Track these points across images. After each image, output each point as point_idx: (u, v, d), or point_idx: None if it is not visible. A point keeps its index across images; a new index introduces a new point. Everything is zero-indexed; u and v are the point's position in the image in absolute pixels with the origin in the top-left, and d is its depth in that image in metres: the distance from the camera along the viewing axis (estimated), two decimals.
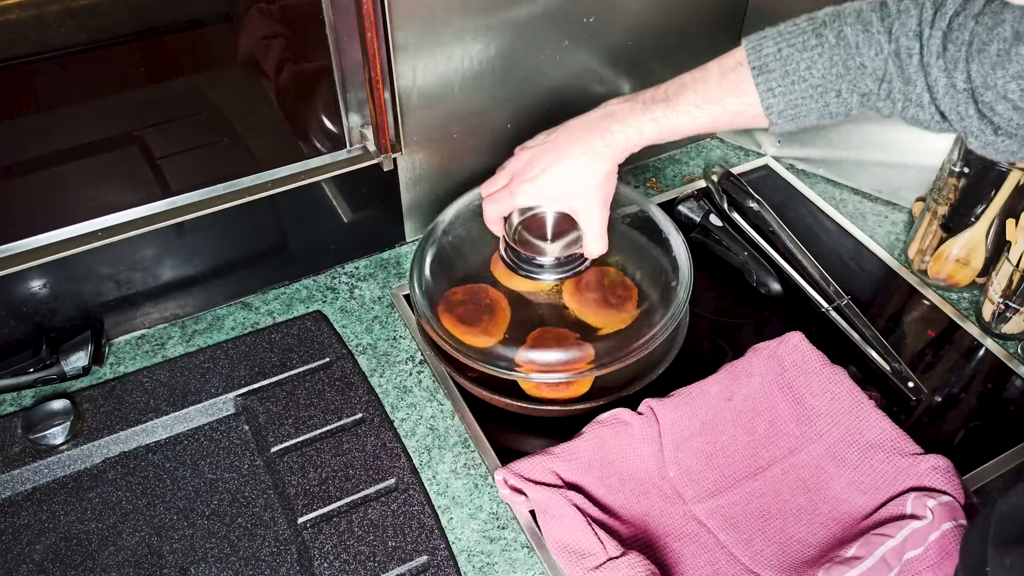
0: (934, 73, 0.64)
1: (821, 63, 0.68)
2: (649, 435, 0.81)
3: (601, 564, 0.70)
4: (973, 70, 0.62)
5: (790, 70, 0.69)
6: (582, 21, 0.97)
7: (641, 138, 0.74)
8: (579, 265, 0.82)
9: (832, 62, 0.68)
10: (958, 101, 0.64)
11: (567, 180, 0.76)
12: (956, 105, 0.64)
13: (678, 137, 0.75)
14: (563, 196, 0.77)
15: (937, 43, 0.63)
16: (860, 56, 0.67)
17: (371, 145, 0.91)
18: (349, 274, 1.03)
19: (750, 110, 0.71)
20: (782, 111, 0.70)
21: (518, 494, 0.77)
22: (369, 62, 0.82)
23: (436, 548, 0.75)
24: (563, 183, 0.76)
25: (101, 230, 0.82)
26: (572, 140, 0.76)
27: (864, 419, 0.81)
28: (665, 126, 0.73)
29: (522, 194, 0.78)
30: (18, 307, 0.86)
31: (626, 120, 0.74)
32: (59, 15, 0.70)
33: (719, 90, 0.72)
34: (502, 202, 0.79)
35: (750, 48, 0.70)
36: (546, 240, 0.81)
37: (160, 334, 0.95)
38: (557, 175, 0.76)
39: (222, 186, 0.87)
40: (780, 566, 0.74)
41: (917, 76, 0.66)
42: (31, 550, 0.75)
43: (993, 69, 0.60)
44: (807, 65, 0.68)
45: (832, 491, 0.79)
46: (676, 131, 0.74)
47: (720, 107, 0.72)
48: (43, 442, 0.81)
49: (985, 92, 0.62)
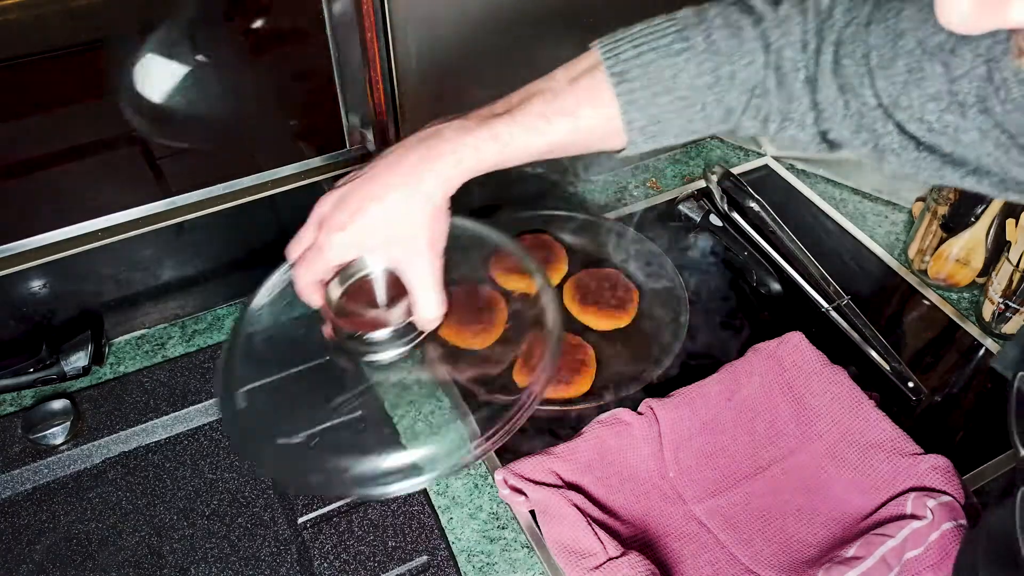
0: (825, 92, 0.57)
1: (688, 71, 0.59)
2: (649, 435, 0.81)
3: (601, 564, 0.70)
4: (880, 87, 0.55)
5: (654, 79, 0.59)
6: (581, 23, 0.96)
7: (479, 160, 0.60)
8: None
9: (700, 70, 0.59)
10: (873, 119, 0.56)
11: (386, 223, 0.60)
12: (870, 124, 0.57)
13: (525, 160, 0.62)
14: (382, 244, 0.61)
15: (828, 59, 0.57)
16: (731, 65, 0.59)
17: (371, 145, 0.91)
18: None
19: (606, 125, 0.61)
20: (644, 127, 0.60)
21: (518, 494, 0.77)
22: (369, 62, 0.82)
23: (436, 548, 0.75)
24: (381, 227, 0.60)
25: (101, 230, 0.82)
26: (392, 170, 0.60)
27: (864, 419, 0.81)
28: (509, 144, 0.60)
29: (332, 248, 0.60)
30: (18, 307, 0.86)
31: (458, 140, 0.59)
32: (59, 15, 0.70)
33: (572, 99, 0.60)
34: (312, 264, 0.62)
35: (606, 52, 0.60)
36: (381, 307, 0.65)
37: (160, 334, 0.95)
38: (373, 218, 0.59)
39: (222, 186, 0.87)
40: (780, 566, 0.74)
41: (803, 94, 0.58)
42: (31, 550, 0.75)
43: (906, 88, 0.54)
44: (673, 73, 0.59)
45: (832, 491, 0.79)
46: (522, 151, 0.61)
47: (573, 120, 0.60)
48: (43, 442, 0.80)
49: (898, 112, 0.55)
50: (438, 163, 0.59)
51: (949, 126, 0.54)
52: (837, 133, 0.59)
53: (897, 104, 0.55)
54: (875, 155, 0.58)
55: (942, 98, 0.53)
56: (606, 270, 0.99)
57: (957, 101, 0.52)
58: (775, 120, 0.60)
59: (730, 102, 0.60)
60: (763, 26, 0.59)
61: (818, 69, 0.57)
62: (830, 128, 0.59)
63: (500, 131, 0.60)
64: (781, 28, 0.58)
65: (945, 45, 0.52)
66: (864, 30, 0.55)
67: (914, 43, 0.53)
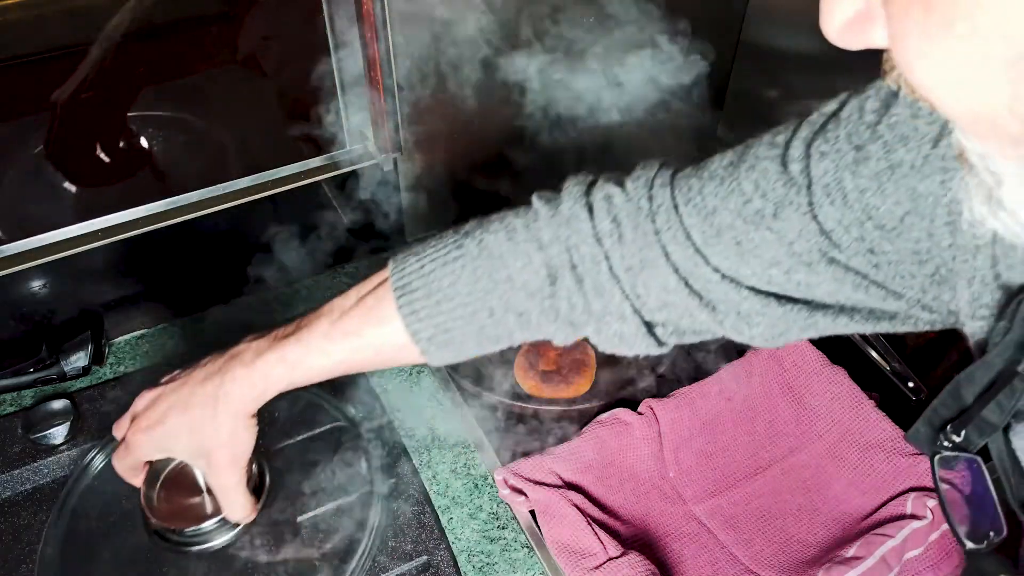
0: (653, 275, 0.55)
1: (464, 278, 0.58)
2: (649, 435, 0.81)
3: (601, 564, 0.70)
4: (717, 263, 0.54)
5: (433, 288, 0.58)
6: (582, 21, 0.96)
7: (268, 385, 0.61)
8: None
9: (476, 276, 0.58)
10: (724, 292, 0.54)
11: (188, 433, 0.63)
12: (723, 297, 0.54)
13: (322, 379, 0.62)
14: (184, 452, 0.65)
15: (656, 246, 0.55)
16: (506, 268, 0.57)
17: (371, 145, 0.91)
18: (349, 274, 1.03)
19: (395, 339, 0.59)
20: (432, 337, 0.59)
21: (518, 494, 0.77)
22: (369, 62, 0.82)
23: (436, 548, 0.75)
24: (184, 437, 0.63)
25: (101, 230, 0.82)
26: (200, 387, 0.63)
27: (864, 419, 0.81)
28: (297, 367, 0.61)
29: (138, 447, 0.65)
30: (18, 307, 0.86)
31: (252, 363, 0.61)
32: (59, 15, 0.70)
33: (356, 318, 0.60)
34: (123, 457, 0.67)
35: (394, 266, 0.60)
36: (201, 493, 0.69)
37: (160, 334, 0.95)
38: (176, 427, 0.63)
39: (222, 186, 0.87)
40: (780, 566, 0.74)
41: (611, 285, 0.56)
42: (31, 550, 0.75)
43: (742, 259, 0.53)
44: (451, 281, 0.58)
45: (832, 491, 0.79)
46: (312, 372, 0.61)
47: (358, 339, 0.60)
48: (43, 442, 0.80)
49: (745, 279, 0.54)
50: (234, 388, 0.61)
51: (801, 283, 0.53)
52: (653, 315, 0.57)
53: (741, 273, 0.54)
54: (742, 323, 0.55)
55: (782, 261, 0.52)
56: None
57: (801, 261, 0.51)
58: (588, 324, 0.58)
59: (519, 306, 0.58)
60: (537, 225, 0.57)
61: (627, 259, 0.56)
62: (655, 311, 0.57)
63: (287, 354, 0.61)
64: (569, 226, 0.56)
65: (764, 211, 0.51)
66: (675, 213, 0.55)
67: (731, 216, 0.52)
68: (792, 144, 0.51)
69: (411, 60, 0.88)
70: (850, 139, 0.48)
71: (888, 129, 0.47)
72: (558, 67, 1.00)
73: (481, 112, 0.98)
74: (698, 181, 0.55)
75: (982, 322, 0.45)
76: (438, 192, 1.03)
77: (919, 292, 0.49)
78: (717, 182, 0.54)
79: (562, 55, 0.99)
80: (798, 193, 0.50)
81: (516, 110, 1.01)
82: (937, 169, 0.44)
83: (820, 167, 0.49)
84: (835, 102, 0.51)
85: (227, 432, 0.62)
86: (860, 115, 0.48)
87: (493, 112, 0.99)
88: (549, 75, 1.00)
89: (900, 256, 0.48)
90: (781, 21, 1.07)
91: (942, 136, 0.44)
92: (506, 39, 0.93)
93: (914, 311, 0.51)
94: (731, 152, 0.55)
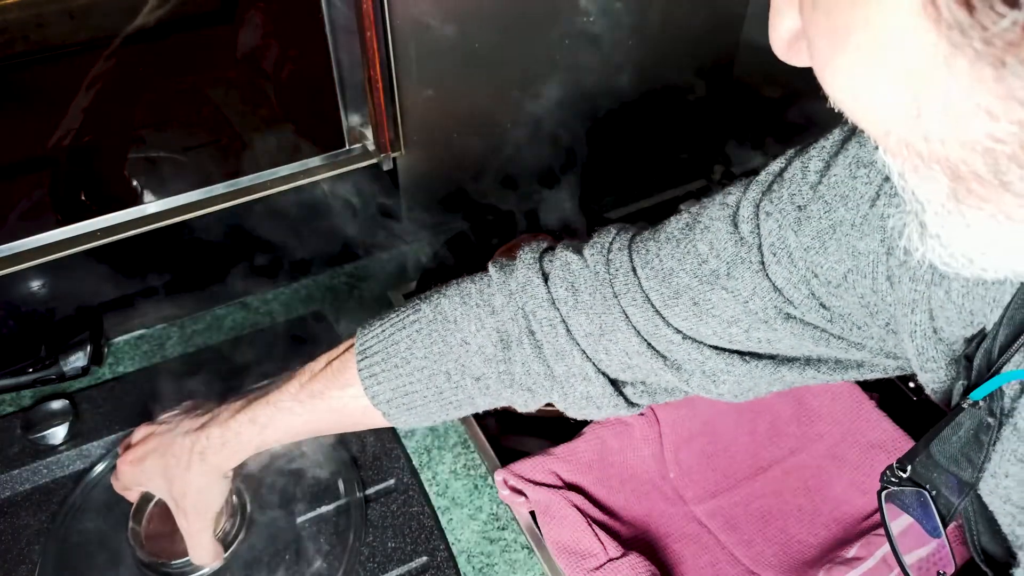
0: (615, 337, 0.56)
1: (420, 341, 0.59)
2: (650, 436, 0.81)
3: (601, 565, 0.70)
4: (677, 324, 0.55)
5: (391, 352, 0.59)
6: (582, 21, 0.96)
7: (240, 446, 0.63)
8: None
9: (432, 339, 0.59)
10: (687, 351, 0.55)
11: (161, 477, 0.66)
12: (687, 356, 0.55)
13: (292, 439, 0.65)
14: (159, 492, 0.68)
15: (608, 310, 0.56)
16: (460, 332, 0.58)
17: (371, 145, 0.91)
18: (349, 274, 1.03)
19: (356, 403, 0.61)
20: (391, 400, 0.60)
21: (518, 495, 0.76)
22: (368, 62, 0.82)
23: (436, 549, 0.74)
24: (158, 479, 0.66)
25: (101, 230, 0.82)
26: (183, 436, 0.65)
27: (865, 419, 0.81)
28: (267, 428, 0.62)
29: (123, 475, 0.69)
30: (17, 307, 0.85)
31: (226, 423, 0.63)
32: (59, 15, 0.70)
33: (322, 381, 0.61)
34: (113, 480, 0.71)
35: (360, 332, 0.62)
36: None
37: (159, 334, 0.95)
38: (152, 469, 0.66)
39: (222, 186, 0.86)
40: (781, 567, 0.74)
41: (571, 347, 0.57)
42: (31, 550, 0.75)
43: (701, 319, 0.53)
44: (407, 345, 0.59)
45: (833, 492, 0.79)
46: (280, 433, 0.63)
47: (323, 401, 0.61)
48: (42, 442, 0.80)
49: (706, 339, 0.55)
50: (209, 447, 0.63)
51: (761, 340, 0.53)
52: (635, 375, 0.58)
53: (701, 333, 0.54)
54: (708, 382, 0.56)
55: (741, 319, 0.52)
56: None
57: (759, 319, 0.52)
58: (553, 389, 0.58)
59: (475, 371, 0.59)
60: (490, 291, 0.59)
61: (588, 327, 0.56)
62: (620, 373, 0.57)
63: (258, 415, 0.62)
64: (524, 292, 0.57)
65: (719, 271, 0.52)
66: (633, 276, 0.56)
67: (688, 277, 0.53)
68: (742, 204, 0.52)
69: (411, 60, 0.88)
70: (792, 199, 0.49)
71: (828, 189, 0.47)
72: (558, 66, 1.00)
73: (481, 111, 0.98)
74: (655, 244, 0.56)
75: (931, 374, 0.45)
76: (438, 192, 1.03)
77: (879, 341, 0.50)
78: (673, 244, 0.55)
79: (562, 54, 0.99)
80: (748, 251, 0.51)
81: (516, 110, 1.01)
82: (876, 228, 0.45)
83: (766, 227, 0.50)
84: (781, 160, 0.52)
85: (195, 487, 0.65)
86: (803, 175, 0.49)
87: (494, 111, 0.99)
88: (549, 75, 1.00)
89: (851, 309, 0.49)
90: None
91: (879, 196, 0.45)
92: (506, 38, 0.93)
93: (878, 360, 0.52)
94: (686, 214, 0.56)
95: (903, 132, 0.26)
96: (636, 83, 1.08)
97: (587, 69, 1.02)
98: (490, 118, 0.99)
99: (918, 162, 0.26)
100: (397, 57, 0.86)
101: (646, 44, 1.05)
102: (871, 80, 0.25)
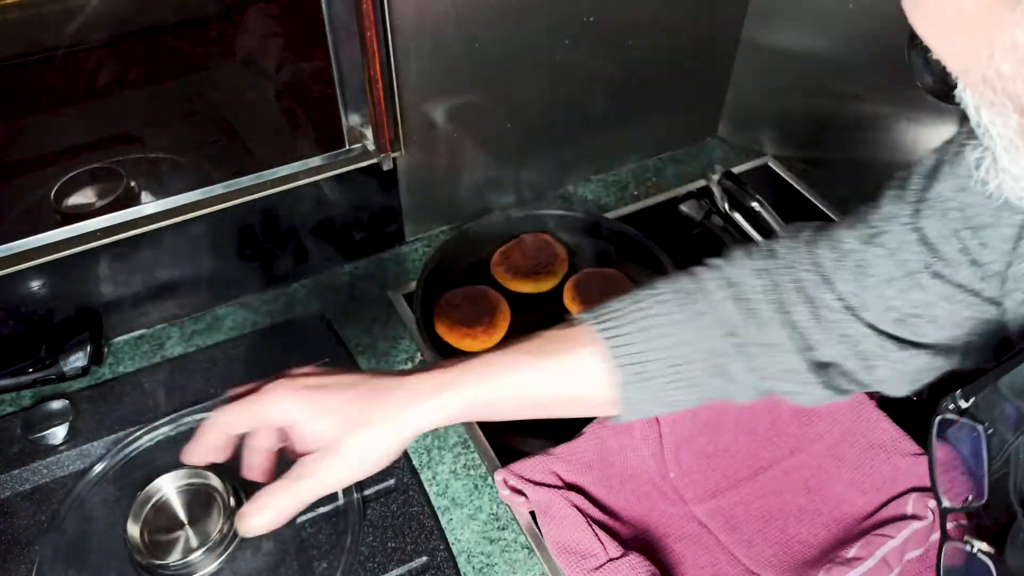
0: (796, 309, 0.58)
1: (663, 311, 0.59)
2: (650, 435, 0.81)
3: (601, 565, 0.70)
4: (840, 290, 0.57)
5: (635, 317, 0.58)
6: (582, 20, 0.96)
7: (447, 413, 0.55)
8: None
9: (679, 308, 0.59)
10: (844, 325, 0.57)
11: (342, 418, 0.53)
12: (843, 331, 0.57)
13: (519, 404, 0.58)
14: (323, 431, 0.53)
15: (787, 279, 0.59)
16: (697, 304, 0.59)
17: (371, 144, 0.91)
18: (349, 274, 1.03)
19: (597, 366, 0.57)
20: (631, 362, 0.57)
21: (518, 495, 0.76)
22: (368, 61, 0.82)
23: (436, 549, 0.74)
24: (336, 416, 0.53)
25: (101, 230, 0.82)
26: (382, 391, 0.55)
27: (865, 419, 0.81)
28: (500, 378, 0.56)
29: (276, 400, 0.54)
30: (17, 307, 0.86)
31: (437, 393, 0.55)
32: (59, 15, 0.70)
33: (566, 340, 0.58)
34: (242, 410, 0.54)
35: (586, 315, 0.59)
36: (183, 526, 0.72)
37: (159, 334, 0.95)
38: (337, 405, 0.54)
39: (222, 186, 0.86)
40: (781, 567, 0.74)
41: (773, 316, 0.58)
42: (31, 550, 0.75)
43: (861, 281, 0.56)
44: (653, 312, 0.58)
45: (833, 491, 0.79)
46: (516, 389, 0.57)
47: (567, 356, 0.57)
48: (42, 442, 0.80)
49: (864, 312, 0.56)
50: (413, 411, 0.54)
51: (918, 306, 0.54)
52: (822, 351, 0.58)
53: (863, 304, 0.56)
54: (863, 367, 0.57)
55: (895, 277, 0.54)
56: (607, 270, 0.98)
57: (908, 271, 0.54)
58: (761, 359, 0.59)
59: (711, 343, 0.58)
60: (717, 262, 0.61)
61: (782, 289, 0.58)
62: (816, 347, 0.58)
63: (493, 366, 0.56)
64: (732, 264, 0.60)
65: (877, 229, 0.55)
66: (806, 248, 0.59)
67: (853, 242, 0.57)
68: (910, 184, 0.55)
69: (411, 60, 0.88)
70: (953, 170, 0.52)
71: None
72: (558, 66, 1.00)
73: (481, 111, 0.98)
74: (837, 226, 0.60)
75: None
76: (438, 192, 1.03)
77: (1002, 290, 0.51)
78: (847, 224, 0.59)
79: (563, 54, 0.99)
80: (902, 208, 0.55)
81: (517, 109, 1.01)
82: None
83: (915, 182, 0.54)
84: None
85: (375, 450, 0.54)
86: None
87: (494, 111, 0.99)
88: (549, 75, 1.00)
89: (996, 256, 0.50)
90: (781, 21, 1.07)
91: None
92: (506, 37, 0.93)
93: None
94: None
95: (980, 69, 0.30)
96: (636, 83, 1.08)
97: (587, 69, 1.02)
98: (490, 118, 1.00)
99: (993, 97, 0.31)
100: (397, 57, 0.86)
101: (646, 44, 1.05)
102: (952, 23, 0.30)
